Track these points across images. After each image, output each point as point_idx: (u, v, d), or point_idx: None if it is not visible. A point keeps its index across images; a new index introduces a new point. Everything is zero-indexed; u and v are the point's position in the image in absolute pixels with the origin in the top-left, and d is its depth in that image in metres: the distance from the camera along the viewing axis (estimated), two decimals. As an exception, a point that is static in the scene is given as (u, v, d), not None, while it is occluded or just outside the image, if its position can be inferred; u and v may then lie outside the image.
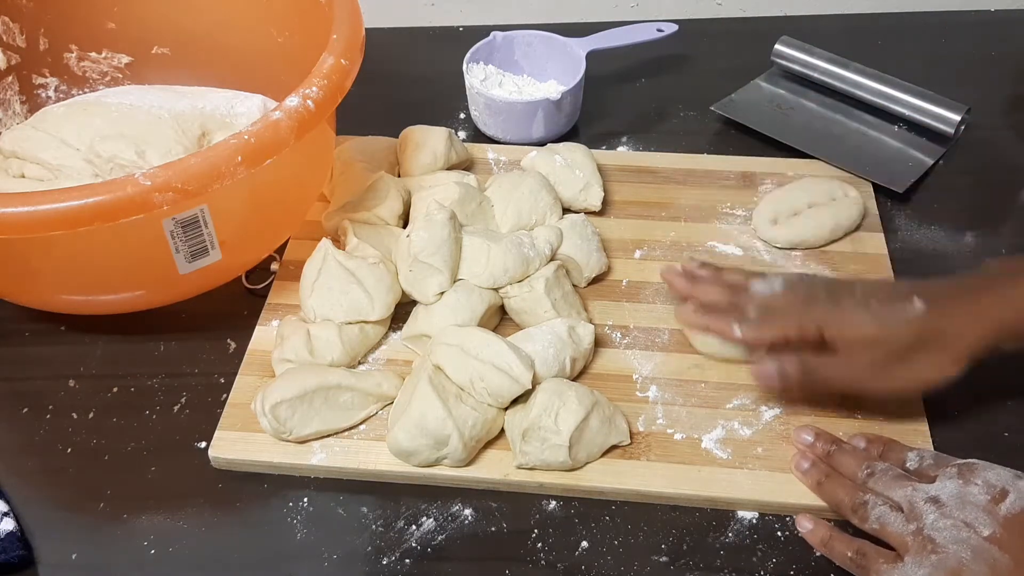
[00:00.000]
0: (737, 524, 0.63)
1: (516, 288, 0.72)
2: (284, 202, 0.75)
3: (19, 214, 0.57)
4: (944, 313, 0.61)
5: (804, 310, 0.64)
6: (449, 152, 0.84)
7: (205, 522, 0.64)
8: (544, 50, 0.95)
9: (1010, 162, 0.90)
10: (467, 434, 0.63)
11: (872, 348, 0.62)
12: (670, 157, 0.89)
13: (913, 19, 1.08)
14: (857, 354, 0.62)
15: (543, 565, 0.61)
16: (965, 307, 0.62)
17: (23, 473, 0.68)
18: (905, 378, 0.62)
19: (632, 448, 0.66)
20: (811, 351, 0.63)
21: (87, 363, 0.74)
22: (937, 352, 0.61)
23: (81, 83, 0.92)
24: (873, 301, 0.63)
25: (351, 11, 0.73)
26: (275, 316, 0.75)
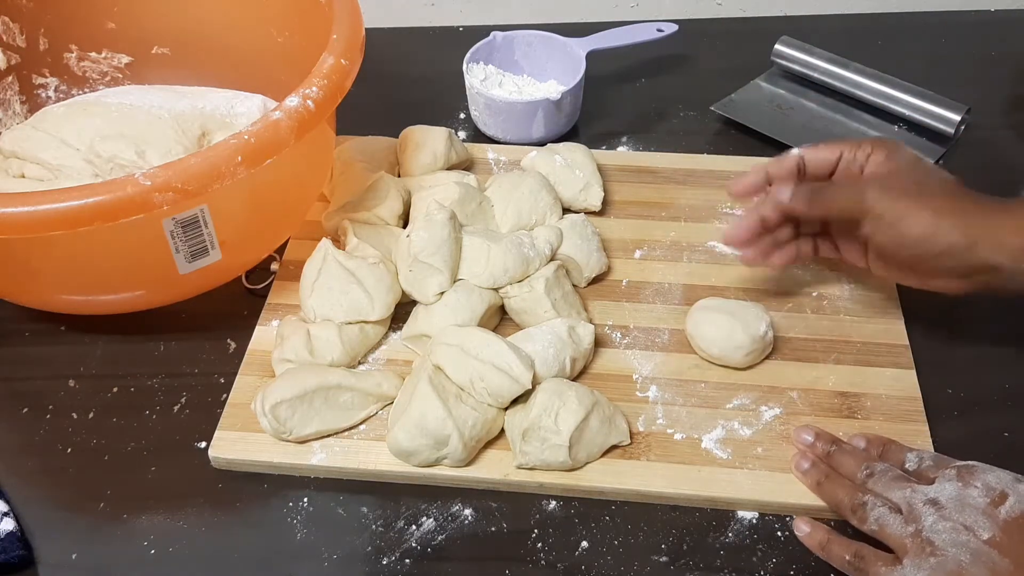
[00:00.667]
0: (737, 524, 0.63)
1: (516, 288, 0.72)
2: (284, 202, 0.75)
3: (19, 214, 0.57)
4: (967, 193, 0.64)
5: (860, 142, 0.67)
6: (449, 152, 0.84)
7: (205, 522, 0.64)
8: (544, 50, 0.95)
9: (1010, 162, 0.90)
10: (467, 434, 0.63)
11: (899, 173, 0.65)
12: (670, 157, 0.89)
13: (913, 19, 1.08)
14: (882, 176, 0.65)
15: (543, 565, 0.61)
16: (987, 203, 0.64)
17: (23, 473, 0.68)
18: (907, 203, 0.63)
19: (632, 448, 0.66)
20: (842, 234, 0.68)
21: (87, 363, 0.74)
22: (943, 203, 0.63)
23: (81, 83, 0.92)
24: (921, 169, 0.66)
25: (351, 11, 0.73)
26: (275, 316, 0.75)
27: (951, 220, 0.62)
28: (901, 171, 0.65)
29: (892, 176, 0.65)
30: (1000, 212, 0.62)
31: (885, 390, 0.68)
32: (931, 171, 0.66)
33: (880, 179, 0.65)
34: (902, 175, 0.65)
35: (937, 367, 0.70)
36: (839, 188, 0.67)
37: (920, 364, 0.70)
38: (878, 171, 0.66)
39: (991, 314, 0.75)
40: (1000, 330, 0.73)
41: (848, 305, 0.75)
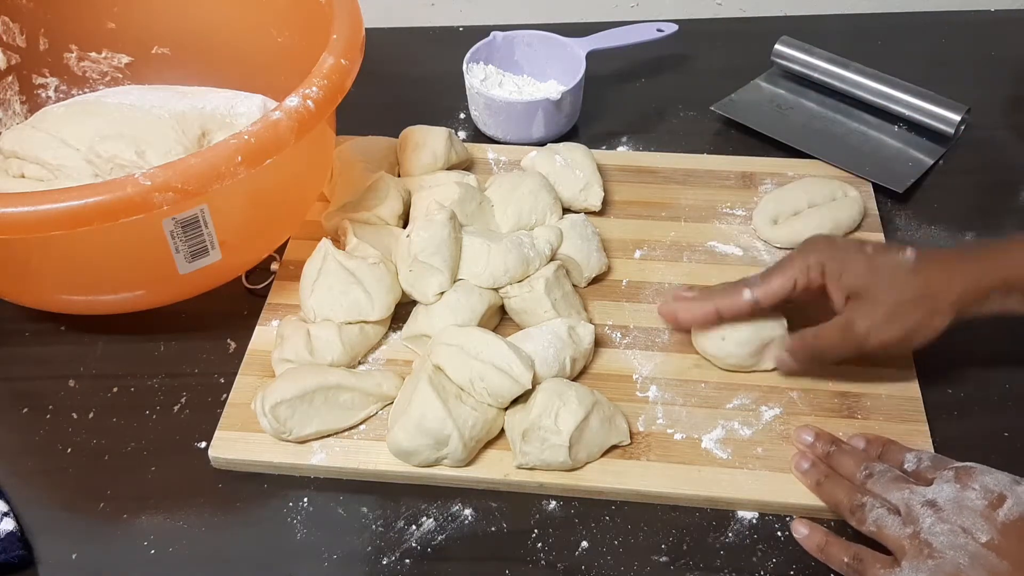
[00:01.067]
0: (737, 524, 0.63)
1: (516, 288, 0.72)
2: (284, 202, 0.75)
3: (19, 214, 0.57)
4: (934, 265, 0.64)
5: (806, 255, 0.66)
6: (449, 152, 0.84)
7: (205, 522, 0.64)
8: (544, 50, 0.95)
9: (1010, 162, 0.90)
10: (467, 434, 0.63)
11: (866, 296, 0.64)
12: (670, 157, 0.89)
13: (913, 19, 1.08)
14: (844, 318, 0.65)
15: (543, 565, 0.61)
16: (955, 262, 0.64)
17: (23, 473, 0.68)
18: (895, 328, 0.64)
19: (632, 448, 0.66)
20: (813, 307, 0.67)
21: (87, 363, 0.74)
22: (925, 302, 0.63)
23: (81, 83, 0.92)
24: (869, 247, 0.65)
25: (351, 11, 0.73)
26: (275, 316, 0.75)
27: (941, 311, 0.63)
28: (870, 287, 0.64)
29: (866, 297, 0.64)
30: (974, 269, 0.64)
31: (885, 390, 0.68)
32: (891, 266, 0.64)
33: (858, 310, 0.64)
34: (874, 290, 0.64)
35: (937, 367, 0.70)
36: (833, 339, 0.65)
37: (920, 364, 0.70)
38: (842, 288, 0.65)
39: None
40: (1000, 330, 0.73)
41: (848, 305, 0.75)
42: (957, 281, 0.63)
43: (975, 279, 0.63)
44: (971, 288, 0.63)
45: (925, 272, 0.64)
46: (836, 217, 0.79)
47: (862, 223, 0.81)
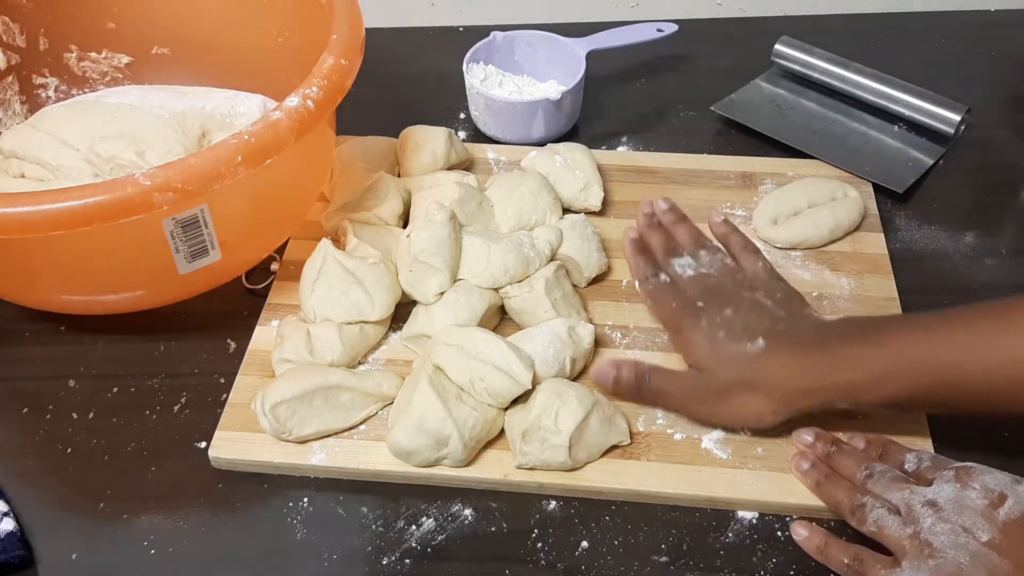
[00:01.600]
0: (737, 524, 0.63)
1: (516, 288, 0.72)
2: (284, 202, 0.75)
3: (19, 214, 0.57)
4: (775, 362, 0.62)
5: (677, 308, 0.68)
6: (449, 152, 0.84)
7: (205, 522, 0.64)
8: (544, 50, 0.95)
9: (1010, 162, 0.90)
10: (467, 434, 0.63)
11: (698, 375, 0.65)
12: (670, 157, 0.89)
13: (913, 19, 1.08)
14: (686, 376, 0.66)
15: (543, 565, 0.61)
16: (798, 360, 0.62)
17: (23, 473, 0.68)
18: (722, 413, 0.64)
19: (632, 448, 0.66)
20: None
21: (87, 363, 0.74)
22: (754, 395, 0.63)
23: (81, 83, 0.92)
24: (723, 332, 0.64)
25: (351, 11, 0.73)
26: (275, 316, 0.75)
27: (771, 408, 0.62)
28: (703, 366, 0.65)
29: (701, 375, 0.65)
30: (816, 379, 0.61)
31: (885, 390, 0.68)
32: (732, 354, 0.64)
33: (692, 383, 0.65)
34: (708, 370, 0.64)
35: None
36: (667, 386, 0.66)
37: (920, 364, 0.70)
38: (684, 356, 0.67)
39: (991, 314, 0.75)
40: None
41: (848, 305, 0.75)
42: (794, 388, 0.62)
43: (809, 384, 0.61)
44: (804, 392, 0.62)
45: (765, 369, 0.62)
46: (836, 217, 0.79)
47: (862, 223, 0.81)
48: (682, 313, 0.68)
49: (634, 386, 0.66)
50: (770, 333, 0.63)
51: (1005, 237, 0.82)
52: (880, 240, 0.80)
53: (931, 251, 0.81)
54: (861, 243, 0.80)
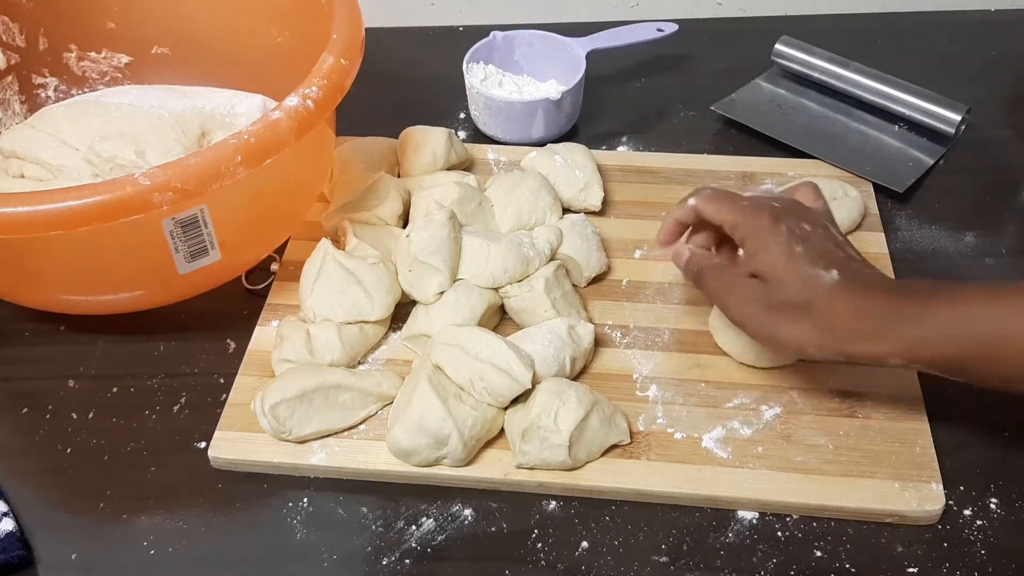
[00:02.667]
0: (737, 524, 0.63)
1: (516, 288, 0.72)
2: (284, 202, 0.75)
3: (19, 214, 0.57)
4: (844, 298, 0.59)
5: (748, 205, 0.63)
6: (449, 152, 0.84)
7: (205, 522, 0.64)
8: (544, 50, 0.95)
9: (1010, 162, 0.90)
10: (467, 434, 0.63)
11: (759, 285, 0.61)
12: (670, 157, 0.89)
13: (913, 19, 1.08)
14: (743, 284, 0.62)
15: (543, 565, 0.61)
16: (867, 301, 0.59)
17: (23, 473, 0.68)
18: (767, 326, 0.61)
19: (632, 448, 0.66)
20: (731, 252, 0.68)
21: (87, 363, 0.74)
22: (811, 324, 0.59)
23: (81, 83, 0.92)
24: (801, 248, 0.60)
25: (351, 11, 0.73)
26: (275, 316, 0.75)
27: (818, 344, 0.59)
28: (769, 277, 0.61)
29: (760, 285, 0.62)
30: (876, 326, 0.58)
31: (886, 389, 0.68)
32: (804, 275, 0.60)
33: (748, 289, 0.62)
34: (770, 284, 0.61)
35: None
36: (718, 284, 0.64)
37: (920, 364, 0.70)
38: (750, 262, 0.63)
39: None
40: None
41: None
42: (851, 332, 0.58)
43: (870, 328, 0.58)
44: (862, 336, 0.58)
45: (830, 302, 0.59)
46: (836, 217, 0.79)
47: (862, 223, 0.81)
48: (758, 213, 0.62)
49: (691, 276, 0.66)
50: (844, 267, 0.60)
51: (1005, 237, 0.82)
52: (880, 240, 0.80)
53: (931, 251, 0.81)
54: (861, 243, 0.80)
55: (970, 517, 0.63)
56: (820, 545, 0.61)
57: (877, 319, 0.58)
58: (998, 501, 0.63)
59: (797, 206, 0.64)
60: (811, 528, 0.62)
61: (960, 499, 0.63)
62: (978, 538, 0.61)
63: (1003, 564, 0.60)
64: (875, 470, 0.63)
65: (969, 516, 0.63)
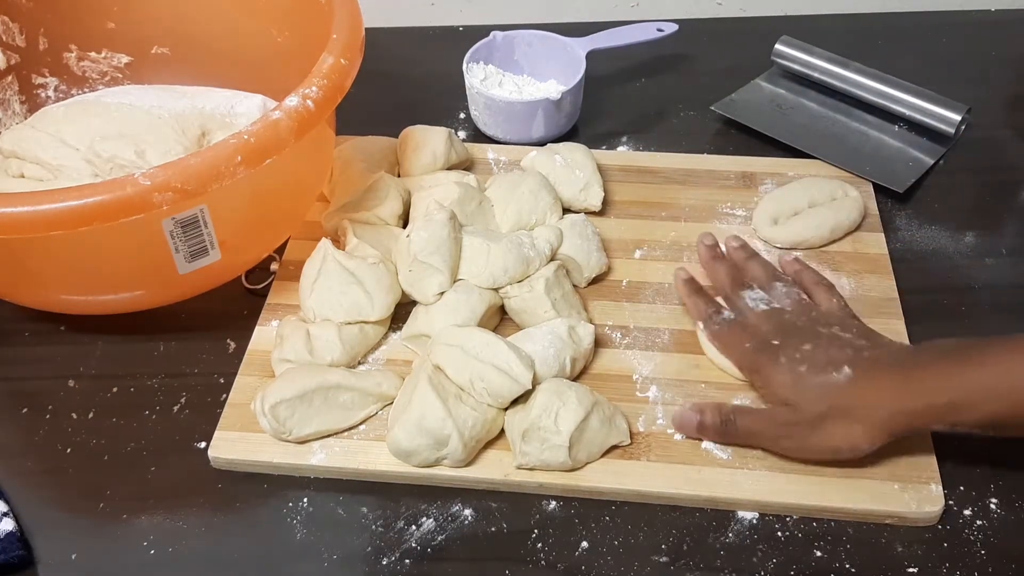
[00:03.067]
0: (737, 524, 0.63)
1: (516, 288, 0.72)
2: (284, 202, 0.75)
3: (19, 214, 0.57)
4: (868, 386, 0.60)
5: (750, 348, 0.66)
6: (449, 152, 0.84)
7: (205, 522, 0.64)
8: (544, 50, 0.95)
9: (1010, 162, 0.90)
10: (467, 434, 0.63)
11: (786, 410, 0.63)
12: (670, 157, 0.89)
13: (913, 19, 1.08)
14: (773, 413, 0.64)
15: (543, 565, 0.61)
16: (892, 382, 0.60)
17: (23, 473, 0.68)
18: (815, 445, 0.62)
19: (632, 448, 0.66)
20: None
21: (87, 363, 0.74)
22: (849, 423, 0.60)
23: (81, 83, 0.92)
24: (805, 367, 0.62)
25: (351, 11, 0.73)
26: (275, 316, 0.75)
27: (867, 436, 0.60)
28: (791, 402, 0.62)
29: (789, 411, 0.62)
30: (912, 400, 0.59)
31: (885, 390, 0.68)
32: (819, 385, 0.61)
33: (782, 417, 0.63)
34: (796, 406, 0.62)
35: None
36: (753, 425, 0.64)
37: (920, 364, 0.70)
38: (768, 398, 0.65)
39: (991, 313, 0.75)
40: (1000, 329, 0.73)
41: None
42: (891, 412, 0.59)
43: (905, 405, 0.59)
44: (902, 415, 0.59)
45: (858, 396, 0.60)
46: (836, 217, 0.79)
47: (862, 223, 0.81)
48: (758, 352, 0.65)
49: (720, 430, 0.64)
50: (855, 361, 0.61)
51: (1005, 237, 0.82)
52: (880, 240, 0.80)
53: (931, 251, 0.81)
54: (861, 243, 0.80)
55: (970, 517, 0.63)
56: (820, 545, 0.61)
57: (909, 394, 0.59)
58: (998, 501, 0.63)
59: (800, 321, 0.66)
60: (811, 528, 0.62)
61: (960, 499, 0.63)
62: (978, 538, 0.61)
63: (1003, 564, 0.60)
64: (875, 471, 0.63)
65: (969, 516, 0.63)
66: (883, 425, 0.60)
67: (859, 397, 0.60)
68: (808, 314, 0.67)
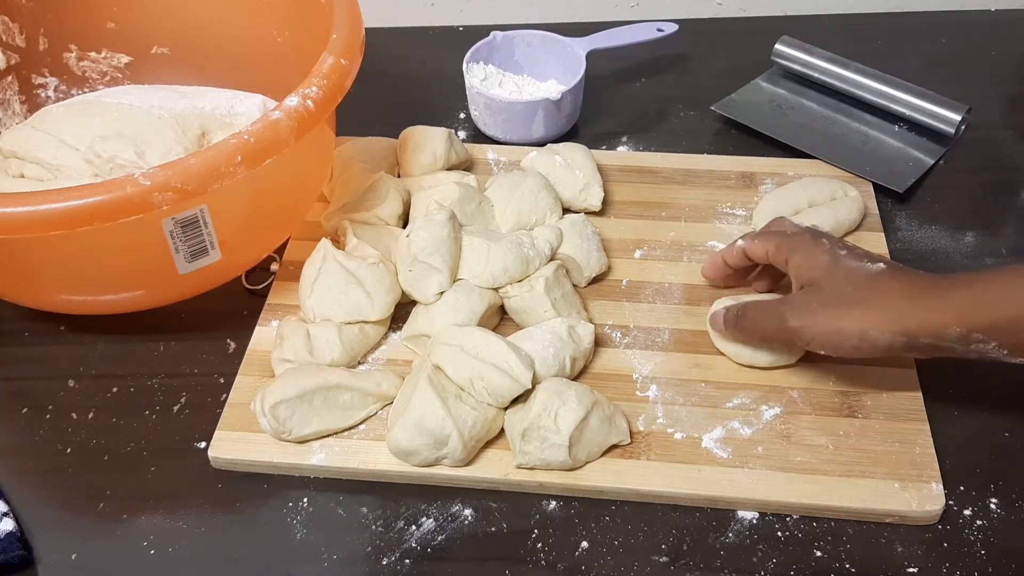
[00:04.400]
0: (737, 524, 0.63)
1: (516, 288, 0.72)
2: (284, 202, 0.75)
3: (19, 214, 0.57)
4: (895, 279, 0.62)
5: (794, 231, 0.68)
6: (449, 152, 0.84)
7: (205, 522, 0.64)
8: (544, 50, 0.95)
9: (1010, 162, 0.90)
10: (467, 434, 0.63)
11: (815, 287, 0.64)
12: (670, 157, 0.89)
13: (913, 19, 1.08)
14: (786, 297, 0.66)
15: (543, 565, 0.61)
16: (915, 280, 0.62)
17: (23, 473, 0.68)
18: (825, 324, 0.62)
19: (632, 448, 0.66)
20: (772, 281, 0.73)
21: (87, 363, 0.74)
22: (866, 307, 0.61)
23: (81, 83, 0.92)
24: (845, 251, 0.64)
25: (351, 11, 0.73)
26: (275, 316, 0.75)
27: (879, 325, 0.60)
28: (822, 280, 0.63)
29: (810, 290, 0.64)
30: (933, 299, 0.60)
31: (886, 389, 0.68)
32: (852, 268, 0.63)
33: (798, 298, 0.64)
34: (824, 283, 0.63)
35: (937, 367, 0.70)
36: (763, 311, 0.66)
37: (921, 364, 0.70)
38: (798, 276, 0.66)
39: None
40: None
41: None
42: (910, 306, 0.60)
43: (922, 301, 0.60)
44: (924, 318, 0.59)
45: (883, 285, 0.61)
46: (836, 217, 0.79)
47: (862, 223, 0.81)
48: (802, 233, 0.67)
49: (733, 325, 0.68)
50: (889, 263, 0.64)
51: (1005, 237, 0.82)
52: (880, 240, 0.80)
53: (931, 251, 0.81)
54: (861, 243, 0.79)
55: (970, 517, 0.63)
56: (820, 545, 0.61)
57: (930, 290, 0.60)
58: (998, 501, 0.63)
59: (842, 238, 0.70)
60: (811, 528, 0.62)
61: (960, 499, 0.63)
62: (978, 538, 0.61)
63: (1003, 564, 0.60)
64: (875, 470, 0.63)
65: (969, 516, 0.63)
66: (899, 317, 0.60)
67: (885, 286, 0.61)
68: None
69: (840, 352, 0.62)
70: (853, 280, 0.62)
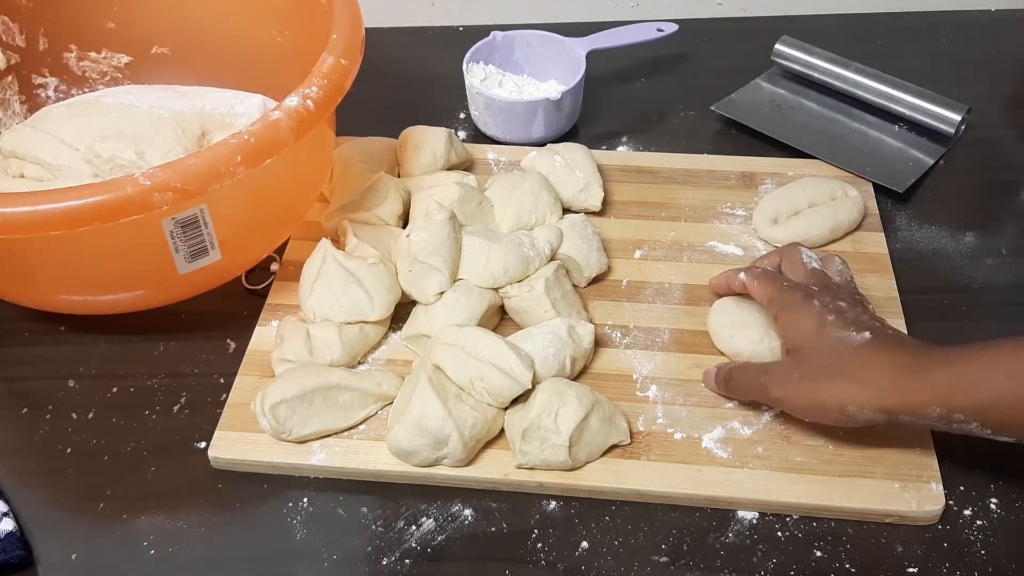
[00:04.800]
0: (737, 524, 0.63)
1: (516, 288, 0.72)
2: (284, 202, 0.75)
3: (19, 214, 0.57)
4: (879, 353, 0.60)
5: (787, 286, 0.66)
6: (449, 152, 0.84)
7: (205, 522, 0.64)
8: (544, 50, 0.95)
9: (1010, 162, 0.90)
10: (467, 434, 0.63)
11: (791, 360, 0.63)
12: (670, 157, 0.89)
13: (913, 19, 1.08)
14: (774, 363, 0.66)
15: (543, 565, 0.61)
16: (900, 355, 0.60)
17: (23, 473, 0.68)
18: (806, 396, 0.61)
19: (632, 448, 0.66)
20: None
21: (87, 363, 0.74)
22: (847, 382, 0.60)
23: (81, 83, 0.92)
24: (832, 317, 0.62)
25: (351, 11, 0.73)
26: (275, 316, 0.75)
27: (858, 402, 0.59)
28: (802, 350, 0.63)
29: (794, 359, 0.63)
30: (914, 377, 0.58)
31: (885, 390, 0.68)
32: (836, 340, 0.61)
33: (780, 369, 0.64)
34: (808, 353, 0.62)
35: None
36: (748, 379, 0.66)
37: (920, 364, 0.70)
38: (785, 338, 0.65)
39: (991, 313, 0.75)
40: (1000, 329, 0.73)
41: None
42: (891, 384, 0.59)
43: (906, 379, 0.58)
44: (904, 398, 0.58)
45: (867, 360, 0.60)
46: (836, 217, 0.79)
47: (862, 223, 0.81)
48: (794, 290, 0.65)
49: (723, 387, 0.68)
50: (877, 332, 0.61)
51: (1005, 237, 0.82)
52: (880, 240, 0.80)
53: (931, 251, 0.81)
54: (861, 243, 0.80)
55: (970, 517, 0.63)
56: (820, 545, 0.62)
57: (913, 368, 0.59)
58: (998, 501, 0.63)
59: (831, 285, 0.67)
60: (811, 528, 0.62)
61: (960, 499, 0.63)
62: (978, 538, 0.61)
63: (1003, 564, 0.60)
64: (875, 470, 0.63)
65: (969, 516, 0.63)
66: (879, 395, 0.59)
67: (869, 361, 0.60)
68: (850, 288, 0.69)
69: (823, 421, 0.62)
70: (836, 352, 0.61)
